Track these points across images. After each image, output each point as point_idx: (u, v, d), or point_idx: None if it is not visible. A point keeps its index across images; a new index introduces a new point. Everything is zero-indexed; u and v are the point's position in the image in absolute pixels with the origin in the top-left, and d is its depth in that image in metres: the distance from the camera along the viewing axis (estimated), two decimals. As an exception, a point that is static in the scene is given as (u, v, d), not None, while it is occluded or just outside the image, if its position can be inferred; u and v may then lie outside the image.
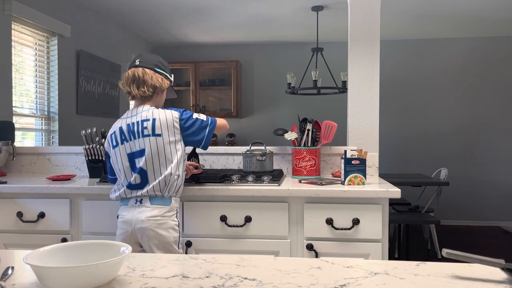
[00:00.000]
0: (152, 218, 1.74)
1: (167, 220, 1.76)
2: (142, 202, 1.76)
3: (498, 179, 5.79)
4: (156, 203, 1.76)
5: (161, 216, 1.75)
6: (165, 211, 1.77)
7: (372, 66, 2.56)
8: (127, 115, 1.86)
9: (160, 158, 1.77)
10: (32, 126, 3.71)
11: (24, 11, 3.40)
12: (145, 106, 1.86)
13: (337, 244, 1.95)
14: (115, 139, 1.83)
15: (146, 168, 1.76)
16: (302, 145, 2.39)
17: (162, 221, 1.75)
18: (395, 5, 4.41)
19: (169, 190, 1.78)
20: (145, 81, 1.85)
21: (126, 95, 1.91)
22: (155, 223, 1.74)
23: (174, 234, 1.78)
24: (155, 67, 1.92)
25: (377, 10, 2.55)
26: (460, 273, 0.91)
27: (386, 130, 5.79)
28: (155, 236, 1.73)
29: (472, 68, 5.84)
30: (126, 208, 1.79)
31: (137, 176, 1.77)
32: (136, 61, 1.90)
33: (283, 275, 0.90)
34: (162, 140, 1.77)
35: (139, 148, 1.78)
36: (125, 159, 1.80)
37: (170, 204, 1.79)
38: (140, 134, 1.78)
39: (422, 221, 3.91)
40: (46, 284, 0.81)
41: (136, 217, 1.75)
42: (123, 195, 1.80)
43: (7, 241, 2.12)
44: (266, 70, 6.22)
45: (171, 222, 1.78)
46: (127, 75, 1.87)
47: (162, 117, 1.80)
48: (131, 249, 0.91)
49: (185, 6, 4.46)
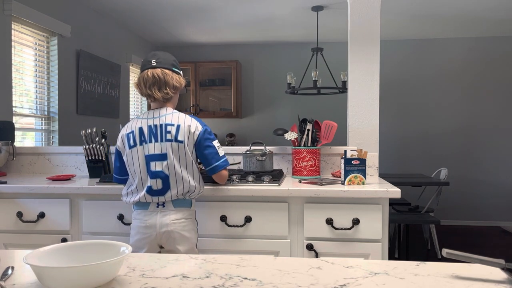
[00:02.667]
0: (178, 221, 1.75)
1: (189, 222, 1.79)
2: (164, 206, 1.76)
3: (498, 179, 5.79)
4: (179, 205, 1.77)
5: (185, 218, 1.77)
6: (188, 213, 1.79)
7: (372, 66, 2.56)
8: (147, 116, 1.81)
9: (181, 164, 1.76)
10: (32, 126, 3.71)
11: (24, 11, 3.40)
12: (168, 109, 1.82)
13: (337, 244, 1.95)
14: (133, 139, 1.78)
15: (168, 173, 1.74)
16: (302, 145, 2.39)
17: (186, 223, 1.77)
18: (395, 5, 4.41)
19: (190, 194, 1.80)
20: (166, 82, 1.80)
21: (146, 97, 1.84)
22: (180, 225, 1.75)
23: (195, 235, 1.82)
24: (173, 66, 1.85)
25: (377, 10, 2.55)
26: (460, 273, 0.91)
27: (386, 130, 5.79)
28: (181, 238, 1.75)
29: (472, 68, 5.84)
30: (146, 213, 1.76)
31: (158, 181, 1.74)
32: (152, 61, 1.81)
33: (283, 275, 0.90)
34: (184, 147, 1.76)
35: (159, 152, 1.74)
36: (142, 160, 1.76)
37: (191, 206, 1.82)
38: (163, 138, 1.75)
39: (422, 221, 3.91)
40: (46, 284, 0.81)
41: (160, 220, 1.74)
42: (143, 200, 1.76)
43: (7, 241, 2.12)
44: (266, 70, 6.22)
45: (192, 224, 1.81)
46: (146, 77, 1.79)
47: (187, 125, 1.78)
48: (131, 249, 0.91)
49: (185, 6, 4.46)
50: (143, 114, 1.83)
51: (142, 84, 1.81)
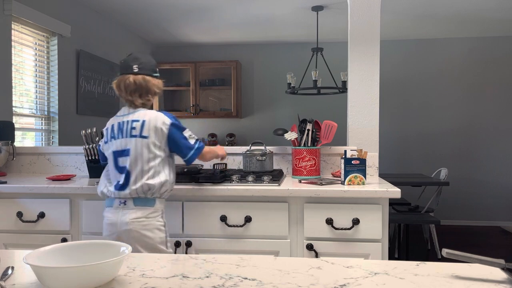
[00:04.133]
0: (136, 220, 1.74)
1: (151, 221, 1.76)
2: (126, 204, 1.76)
3: (498, 179, 5.79)
4: (140, 204, 1.76)
5: (145, 217, 1.75)
6: (149, 212, 1.76)
7: (372, 66, 2.56)
8: (122, 113, 1.87)
9: (143, 160, 1.76)
10: (32, 126, 3.71)
11: (24, 11, 3.40)
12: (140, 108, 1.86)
13: (337, 244, 1.95)
14: (107, 135, 1.86)
15: (131, 169, 1.76)
16: (302, 145, 2.39)
17: (146, 222, 1.75)
18: (395, 5, 4.41)
19: (153, 192, 1.77)
20: (148, 89, 1.84)
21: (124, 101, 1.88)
22: (140, 224, 1.74)
23: (160, 234, 1.78)
24: (153, 72, 1.87)
25: (377, 10, 2.55)
26: (460, 273, 0.91)
27: (386, 130, 5.79)
28: (141, 237, 1.74)
29: (472, 68, 5.84)
30: (111, 210, 1.79)
31: (122, 177, 1.77)
32: (134, 68, 1.82)
33: (283, 275, 0.90)
34: (148, 142, 1.76)
35: (124, 148, 1.78)
36: (111, 156, 1.82)
37: (154, 205, 1.78)
38: (128, 134, 1.78)
39: (422, 221, 3.91)
40: (46, 284, 0.81)
41: (120, 219, 1.75)
42: (109, 194, 1.80)
43: (7, 241, 2.12)
44: (266, 70, 6.22)
45: (156, 222, 1.77)
46: (128, 83, 1.81)
47: (153, 119, 1.78)
48: (131, 249, 0.91)
49: (185, 6, 4.46)
50: (120, 111, 1.89)
51: (122, 89, 1.83)
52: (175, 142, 1.81)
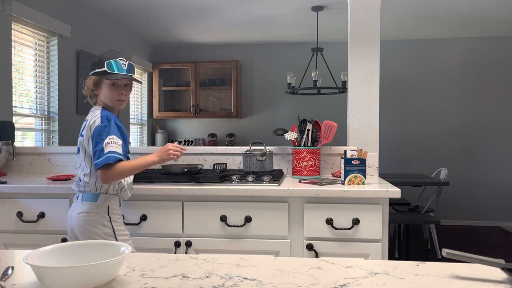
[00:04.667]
0: (80, 214, 1.77)
1: (94, 216, 1.77)
2: (77, 198, 1.82)
3: (498, 179, 5.79)
4: (85, 199, 1.79)
5: (86, 212, 1.77)
6: (93, 207, 1.78)
7: (372, 66, 2.56)
8: None
9: (81, 158, 1.84)
10: (32, 126, 3.71)
11: (24, 11, 3.40)
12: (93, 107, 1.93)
13: (337, 244, 1.95)
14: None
15: (77, 165, 1.88)
16: (302, 145, 2.39)
17: (88, 218, 1.77)
18: (395, 5, 4.41)
19: (96, 188, 1.79)
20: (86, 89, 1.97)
21: None
22: (83, 219, 1.76)
23: (104, 229, 1.78)
24: (91, 70, 1.91)
25: (377, 10, 2.55)
26: (460, 273, 0.91)
27: (386, 130, 5.79)
28: (84, 232, 1.76)
29: (472, 68, 5.84)
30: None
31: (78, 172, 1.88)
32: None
33: (283, 275, 0.90)
34: (83, 140, 1.81)
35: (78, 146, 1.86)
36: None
37: (97, 201, 1.79)
38: (80, 132, 1.86)
39: (422, 221, 3.91)
40: (46, 284, 0.81)
41: (70, 214, 1.82)
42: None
43: (7, 241, 2.12)
44: (266, 70, 6.22)
45: (99, 218, 1.78)
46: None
47: (90, 120, 1.81)
48: (131, 249, 0.91)
49: (185, 6, 4.46)
50: None
51: None
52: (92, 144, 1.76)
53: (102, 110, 1.84)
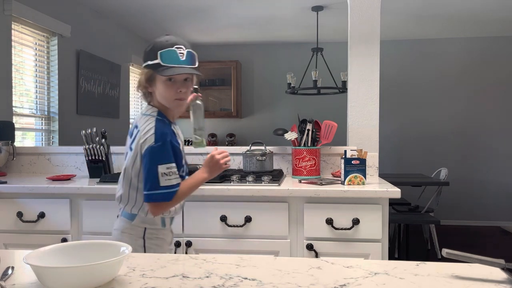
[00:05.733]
0: (115, 230, 1.57)
1: (127, 237, 1.51)
2: (119, 210, 1.60)
3: (498, 179, 5.79)
4: (123, 215, 1.56)
5: (121, 231, 1.54)
6: (126, 226, 1.53)
7: (372, 66, 2.56)
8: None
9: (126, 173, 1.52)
10: (32, 126, 3.71)
11: (24, 11, 3.40)
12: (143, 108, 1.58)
13: (337, 244, 1.95)
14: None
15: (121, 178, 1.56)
16: (302, 145, 2.39)
17: (121, 237, 1.52)
18: (395, 5, 4.41)
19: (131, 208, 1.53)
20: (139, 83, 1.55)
21: None
22: (117, 236, 1.54)
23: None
24: (144, 62, 1.53)
25: (377, 10, 2.55)
26: (460, 273, 0.91)
27: (386, 130, 5.78)
28: None
29: (472, 68, 5.83)
30: None
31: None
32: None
33: (283, 275, 0.90)
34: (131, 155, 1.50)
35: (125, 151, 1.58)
36: None
37: (133, 221, 1.53)
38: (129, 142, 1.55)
39: (422, 221, 3.91)
40: (46, 284, 0.81)
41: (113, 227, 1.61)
42: None
43: (7, 241, 2.12)
44: (266, 70, 6.22)
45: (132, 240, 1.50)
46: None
47: (141, 133, 1.48)
48: (131, 249, 0.91)
49: (185, 6, 4.46)
50: None
51: None
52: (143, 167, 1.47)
53: (156, 121, 1.48)
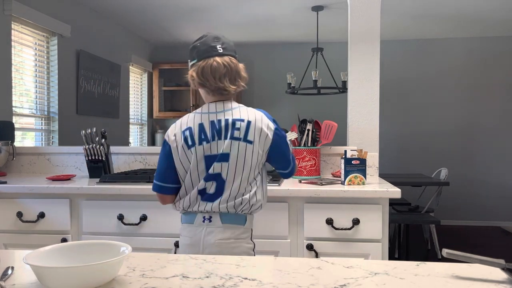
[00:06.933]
0: (225, 241, 1.43)
1: (241, 243, 1.46)
2: (211, 221, 1.45)
3: (498, 179, 5.79)
4: (228, 221, 1.45)
5: (234, 238, 1.45)
6: (240, 232, 1.46)
7: (372, 66, 2.56)
8: (208, 111, 1.50)
9: (245, 170, 1.45)
10: (32, 126, 3.71)
11: (24, 11, 3.40)
12: (233, 102, 1.53)
13: (337, 244, 1.95)
14: (191, 138, 1.46)
15: (226, 177, 1.44)
16: (302, 145, 2.39)
17: (236, 245, 1.45)
18: (395, 5, 4.41)
19: (244, 209, 1.47)
20: (238, 73, 1.51)
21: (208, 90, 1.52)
22: (228, 246, 1.43)
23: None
24: (236, 54, 1.54)
25: (377, 10, 2.55)
26: (460, 273, 0.91)
27: (386, 130, 5.79)
28: None
29: (472, 68, 5.84)
30: (192, 228, 1.47)
31: (213, 183, 1.45)
32: (218, 47, 1.49)
33: (283, 275, 0.90)
34: (252, 148, 1.45)
35: (221, 152, 1.44)
36: (202, 162, 1.46)
37: (245, 224, 1.48)
38: (228, 136, 1.44)
39: (422, 221, 3.91)
40: (46, 284, 0.81)
41: (205, 239, 1.44)
42: (188, 203, 1.48)
43: (7, 241, 2.12)
44: (266, 70, 6.22)
45: (246, 245, 1.48)
46: (215, 66, 1.47)
47: (258, 122, 1.47)
48: (131, 249, 0.91)
49: (184, 6, 4.46)
50: (201, 109, 1.53)
51: (209, 74, 1.47)
52: (278, 152, 1.52)
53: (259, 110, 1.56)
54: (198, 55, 1.51)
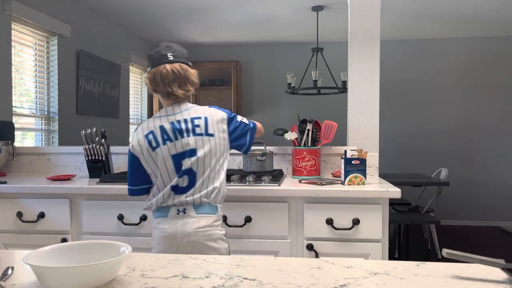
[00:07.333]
0: (200, 229, 1.54)
1: (215, 230, 1.57)
2: (185, 212, 1.56)
3: (498, 179, 5.79)
4: (202, 212, 1.57)
5: (209, 226, 1.56)
6: (213, 220, 1.58)
7: (372, 66, 2.56)
8: (166, 114, 1.64)
9: (212, 162, 1.60)
10: (32, 126, 3.71)
11: (24, 11, 3.40)
12: (188, 104, 1.68)
13: (337, 244, 1.95)
14: (155, 140, 1.59)
15: (196, 170, 1.57)
16: (302, 145, 2.39)
17: (211, 232, 1.56)
18: (395, 5, 4.41)
19: (216, 198, 1.61)
20: (187, 78, 1.64)
21: (161, 95, 1.67)
22: (204, 234, 1.54)
23: (224, 245, 1.60)
24: (188, 61, 1.69)
25: (377, 10, 2.55)
26: (460, 273, 0.91)
27: (386, 130, 5.79)
28: (206, 249, 1.55)
29: (472, 68, 5.84)
30: (166, 221, 1.57)
31: (185, 178, 1.57)
32: (168, 55, 1.63)
33: (283, 275, 0.90)
34: (214, 141, 1.62)
35: (188, 148, 1.58)
36: (169, 161, 1.58)
37: (217, 212, 1.61)
38: (191, 133, 1.59)
39: (422, 221, 3.91)
40: (46, 284, 0.81)
41: (181, 230, 1.54)
42: (162, 199, 1.58)
43: (7, 241, 2.12)
44: (266, 70, 6.22)
45: (219, 232, 1.59)
46: (165, 72, 1.61)
47: (213, 116, 1.65)
48: (131, 249, 0.91)
49: (185, 6, 4.45)
50: (159, 112, 1.68)
51: (159, 80, 1.62)
52: (234, 131, 1.70)
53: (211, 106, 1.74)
54: (151, 63, 1.66)
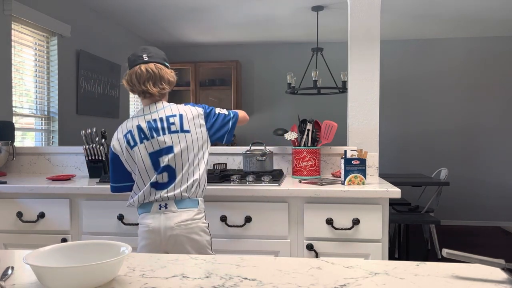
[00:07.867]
0: (182, 223, 1.61)
1: (197, 222, 1.64)
2: (167, 207, 1.63)
3: (498, 179, 5.79)
4: (183, 206, 1.64)
5: (191, 219, 1.63)
6: (194, 213, 1.64)
7: (372, 66, 2.56)
8: (143, 113, 1.72)
9: (189, 157, 1.66)
10: (32, 126, 3.71)
11: (24, 11, 3.40)
12: (164, 102, 1.74)
13: (337, 244, 1.95)
14: (132, 139, 1.67)
15: (175, 166, 1.64)
16: (302, 145, 2.39)
17: (193, 225, 1.62)
18: (395, 5, 4.41)
19: (196, 192, 1.68)
20: (161, 77, 1.71)
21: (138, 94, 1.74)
22: (187, 227, 1.61)
23: (206, 237, 1.66)
24: (164, 61, 1.77)
25: (377, 10, 2.55)
26: (460, 273, 0.91)
27: (386, 130, 5.79)
28: (188, 242, 1.61)
29: (472, 68, 5.84)
30: (149, 216, 1.64)
31: (164, 174, 1.64)
32: (144, 56, 1.71)
33: (283, 275, 0.90)
34: (191, 137, 1.68)
35: (164, 146, 1.65)
36: (147, 159, 1.65)
37: (198, 205, 1.67)
38: (166, 131, 1.66)
39: (422, 221, 3.91)
40: (46, 284, 0.81)
41: (164, 224, 1.60)
42: (143, 197, 1.65)
43: (7, 241, 2.12)
44: (266, 70, 6.22)
45: (201, 224, 1.66)
46: (139, 72, 1.69)
47: (188, 112, 1.70)
48: (131, 249, 0.91)
49: (185, 6, 4.45)
50: (137, 112, 1.75)
51: (135, 80, 1.69)
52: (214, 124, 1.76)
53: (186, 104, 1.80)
54: (129, 65, 1.74)
